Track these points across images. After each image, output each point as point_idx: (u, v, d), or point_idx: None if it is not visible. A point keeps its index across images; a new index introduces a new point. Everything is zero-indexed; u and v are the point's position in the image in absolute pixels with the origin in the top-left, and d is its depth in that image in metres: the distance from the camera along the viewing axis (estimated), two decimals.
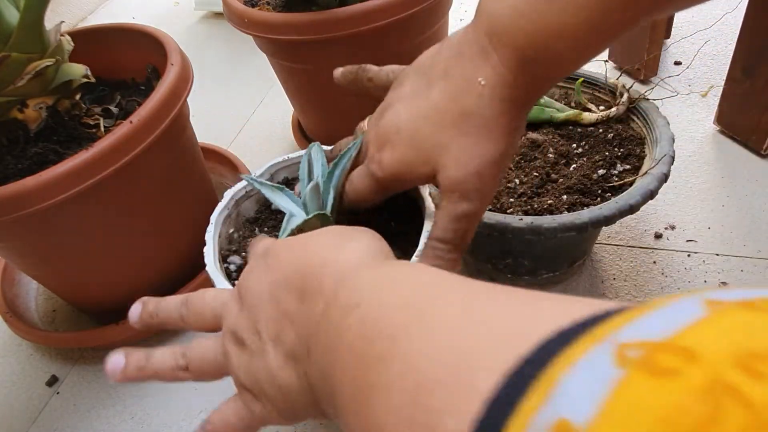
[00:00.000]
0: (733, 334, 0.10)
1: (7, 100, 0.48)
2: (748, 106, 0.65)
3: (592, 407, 0.10)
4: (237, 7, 0.61)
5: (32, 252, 0.52)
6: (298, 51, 0.62)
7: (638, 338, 0.11)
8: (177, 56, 0.54)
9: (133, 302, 0.36)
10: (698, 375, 0.09)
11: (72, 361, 0.59)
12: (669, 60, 0.81)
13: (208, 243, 0.44)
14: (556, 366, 0.12)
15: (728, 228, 0.60)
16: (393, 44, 0.61)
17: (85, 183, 0.44)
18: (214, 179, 0.68)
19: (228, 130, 0.86)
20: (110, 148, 0.45)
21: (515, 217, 0.45)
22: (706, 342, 0.10)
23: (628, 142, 0.53)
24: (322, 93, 0.67)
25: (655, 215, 0.62)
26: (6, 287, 0.63)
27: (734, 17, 0.72)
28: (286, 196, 0.42)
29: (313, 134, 0.76)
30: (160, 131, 0.48)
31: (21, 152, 0.49)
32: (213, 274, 0.41)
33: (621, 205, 0.44)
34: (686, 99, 0.75)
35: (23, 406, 0.57)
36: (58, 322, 0.63)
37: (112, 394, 0.56)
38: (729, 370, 0.09)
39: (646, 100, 0.54)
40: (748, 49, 0.62)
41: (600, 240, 0.61)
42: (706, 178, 0.65)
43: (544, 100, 0.57)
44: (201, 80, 0.64)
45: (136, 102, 0.58)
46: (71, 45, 0.53)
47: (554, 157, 0.53)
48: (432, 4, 0.59)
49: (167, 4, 1.23)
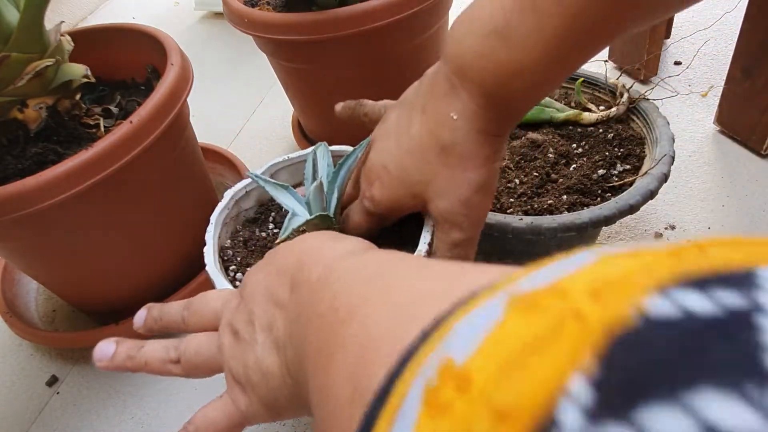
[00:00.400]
0: (601, 271, 0.11)
1: (7, 100, 0.48)
2: (748, 106, 0.65)
3: (473, 346, 0.11)
4: (237, 7, 0.61)
5: (32, 252, 0.52)
6: (298, 51, 0.62)
7: (530, 287, 0.12)
8: (177, 56, 0.54)
9: (133, 302, 0.36)
10: (558, 305, 0.11)
11: (72, 361, 0.60)
12: (669, 60, 0.81)
13: (208, 243, 0.44)
14: (454, 316, 0.13)
15: (728, 228, 0.60)
16: (393, 44, 0.61)
17: (85, 183, 0.44)
18: (214, 179, 0.68)
19: (228, 130, 0.86)
20: (110, 148, 0.45)
21: (515, 217, 0.45)
22: (577, 281, 0.11)
23: (628, 142, 0.53)
24: (322, 93, 0.67)
25: (655, 215, 0.62)
26: (6, 287, 0.63)
27: (734, 17, 0.72)
28: (290, 194, 0.42)
29: (313, 134, 0.76)
30: (160, 131, 0.48)
31: (21, 152, 0.49)
32: (213, 274, 0.41)
33: (621, 205, 0.44)
34: (686, 99, 0.75)
35: (23, 406, 0.57)
36: (58, 322, 0.63)
37: (112, 394, 0.56)
38: (581, 297, 0.11)
39: (646, 100, 0.54)
40: (747, 49, 0.62)
41: (600, 240, 0.61)
42: (706, 178, 0.65)
43: (544, 100, 0.57)
44: (201, 80, 0.64)
45: (136, 102, 0.58)
46: (71, 45, 0.53)
47: (554, 157, 0.53)
48: (432, 4, 0.59)
49: (167, 4, 1.23)
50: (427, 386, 0.12)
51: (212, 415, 0.29)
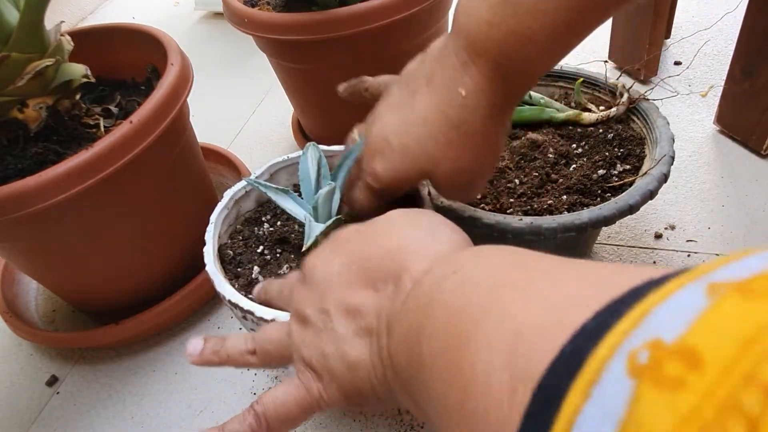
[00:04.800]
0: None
1: (7, 100, 0.48)
2: (748, 106, 0.65)
3: (684, 327, 0.11)
4: (237, 7, 0.61)
5: (32, 252, 0.52)
6: (298, 51, 0.62)
7: (729, 277, 0.12)
8: (177, 56, 0.54)
9: (133, 302, 0.37)
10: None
11: (72, 361, 0.60)
12: (669, 60, 0.81)
13: (207, 243, 0.44)
14: (647, 301, 0.13)
15: (728, 228, 0.60)
16: (393, 44, 0.61)
17: (85, 183, 0.44)
18: (214, 179, 0.68)
19: (228, 130, 0.86)
20: (110, 148, 0.45)
21: (515, 218, 0.45)
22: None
23: (628, 142, 0.53)
24: (322, 93, 0.67)
25: (655, 215, 0.62)
26: (6, 287, 0.63)
27: (734, 17, 0.72)
28: (291, 198, 0.42)
29: (313, 134, 0.76)
30: (160, 131, 0.48)
31: (21, 152, 0.49)
32: (212, 273, 0.41)
33: (621, 205, 0.44)
34: (686, 99, 0.75)
35: (23, 406, 0.57)
36: (58, 322, 0.63)
37: (112, 394, 0.56)
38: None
39: (646, 100, 0.54)
40: (748, 49, 0.62)
41: (600, 240, 0.61)
42: (706, 178, 0.65)
43: (544, 101, 0.57)
44: (201, 80, 0.64)
45: (136, 102, 0.58)
46: (71, 45, 0.53)
47: (554, 157, 0.53)
48: (432, 4, 0.59)
49: (167, 4, 1.23)
50: (633, 362, 0.12)
51: (282, 398, 0.29)
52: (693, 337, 0.11)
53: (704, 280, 0.12)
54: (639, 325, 0.12)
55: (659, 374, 0.11)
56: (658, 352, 0.11)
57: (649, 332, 0.12)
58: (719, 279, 0.12)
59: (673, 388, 0.11)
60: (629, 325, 0.13)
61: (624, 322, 0.13)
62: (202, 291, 0.58)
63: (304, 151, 0.43)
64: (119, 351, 0.59)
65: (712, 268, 0.13)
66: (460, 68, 0.33)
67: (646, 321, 0.12)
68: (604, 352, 0.12)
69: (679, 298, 0.12)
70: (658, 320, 0.12)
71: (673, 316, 0.12)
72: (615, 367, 0.12)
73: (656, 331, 0.12)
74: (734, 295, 0.11)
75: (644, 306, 0.13)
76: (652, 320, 0.12)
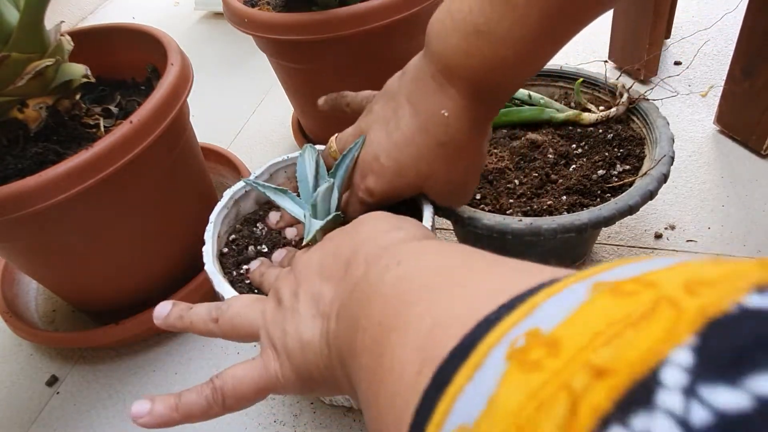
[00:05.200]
0: (692, 271, 0.12)
1: (7, 100, 0.48)
2: (748, 106, 0.65)
3: (559, 318, 0.13)
4: (237, 7, 0.61)
5: (32, 252, 0.52)
6: (298, 51, 0.62)
7: (613, 278, 0.13)
8: (177, 56, 0.54)
9: (132, 302, 0.37)
10: (649, 293, 0.12)
11: (72, 361, 0.60)
12: (669, 60, 0.81)
13: (207, 243, 0.44)
14: (539, 296, 0.14)
15: (728, 228, 0.60)
16: (393, 44, 0.61)
17: (85, 183, 0.44)
18: (214, 179, 0.68)
19: (228, 130, 0.86)
20: (110, 148, 0.45)
21: (515, 219, 0.45)
22: (668, 277, 0.12)
23: (627, 142, 0.53)
24: (322, 93, 0.66)
25: (655, 215, 0.62)
26: (6, 287, 0.63)
27: (734, 17, 0.72)
28: (290, 198, 0.42)
29: (313, 134, 0.76)
30: (160, 131, 0.48)
31: (21, 152, 0.49)
32: (211, 273, 0.41)
33: (620, 206, 0.44)
34: (686, 99, 0.75)
35: (23, 406, 0.57)
36: (58, 322, 0.63)
37: (112, 394, 0.56)
38: (675, 289, 0.11)
39: (646, 100, 0.54)
40: (748, 49, 0.62)
41: (600, 240, 0.61)
42: (706, 178, 0.65)
43: (544, 101, 0.57)
44: (201, 80, 0.64)
45: (136, 102, 0.58)
46: (71, 45, 0.53)
47: (554, 157, 0.53)
48: (431, 5, 0.59)
49: (167, 4, 1.23)
50: (512, 348, 0.13)
51: (241, 374, 0.30)
52: (562, 329, 0.12)
53: (592, 280, 0.13)
54: (526, 317, 0.14)
55: (525, 357, 0.12)
56: (532, 339, 0.13)
57: (533, 323, 0.13)
58: (604, 279, 0.13)
59: (531, 370, 0.12)
60: (519, 317, 0.14)
61: (515, 314, 0.14)
62: (202, 291, 0.58)
63: (301, 152, 0.43)
64: (119, 351, 0.59)
65: (603, 269, 0.14)
66: (438, 90, 0.36)
67: (533, 313, 0.14)
68: (492, 340, 0.14)
69: (565, 294, 0.13)
70: (542, 313, 0.13)
71: (556, 309, 0.13)
72: (497, 353, 0.13)
73: (538, 322, 0.13)
74: (607, 294, 0.12)
75: (536, 299, 0.14)
76: (537, 313, 0.13)
